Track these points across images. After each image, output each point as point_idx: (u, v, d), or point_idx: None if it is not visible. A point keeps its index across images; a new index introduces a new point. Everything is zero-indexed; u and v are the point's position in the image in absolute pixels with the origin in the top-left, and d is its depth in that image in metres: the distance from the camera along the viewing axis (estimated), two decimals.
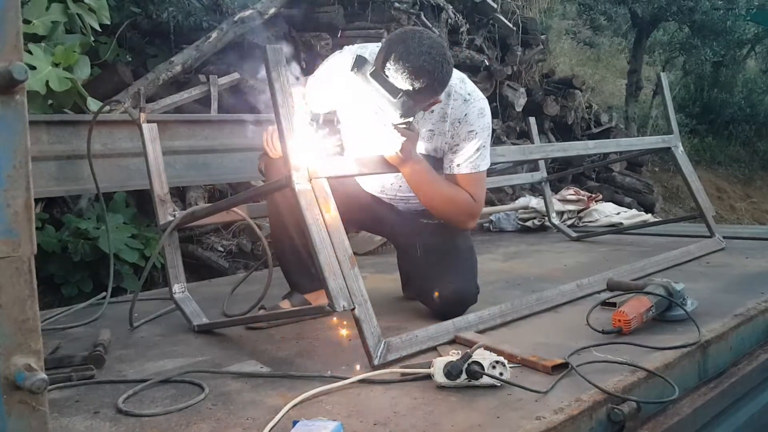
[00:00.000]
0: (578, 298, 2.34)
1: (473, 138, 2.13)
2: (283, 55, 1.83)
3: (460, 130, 2.13)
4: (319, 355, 1.91)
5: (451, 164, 2.16)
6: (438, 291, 2.17)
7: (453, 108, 2.12)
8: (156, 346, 2.11)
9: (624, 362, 1.66)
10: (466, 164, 2.15)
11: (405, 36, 1.94)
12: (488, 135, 2.18)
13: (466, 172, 2.15)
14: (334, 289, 1.72)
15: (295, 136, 1.78)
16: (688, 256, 2.94)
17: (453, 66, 2.02)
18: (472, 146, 2.13)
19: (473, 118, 2.12)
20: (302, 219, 1.75)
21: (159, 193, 2.33)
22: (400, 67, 1.88)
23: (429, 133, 2.16)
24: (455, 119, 2.12)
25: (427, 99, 1.98)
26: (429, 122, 2.15)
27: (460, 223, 2.22)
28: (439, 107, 2.12)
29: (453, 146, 2.15)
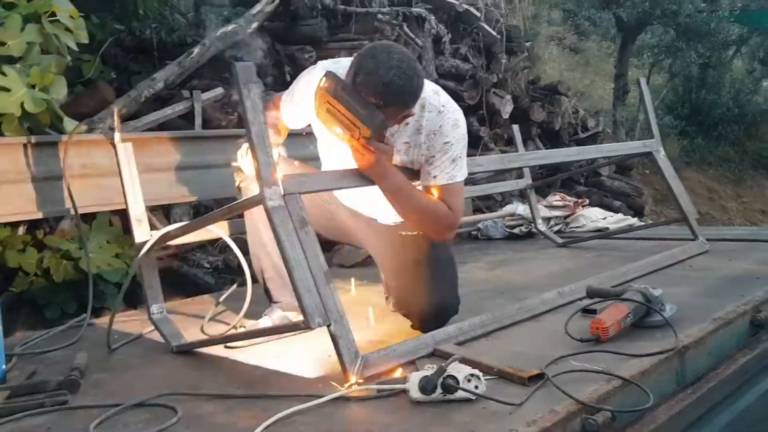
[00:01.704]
0: (559, 306, 2.33)
1: (449, 149, 2.12)
2: (254, 72, 1.83)
3: (435, 141, 2.12)
4: (297, 373, 1.89)
5: (428, 176, 2.16)
6: (418, 304, 2.17)
7: (428, 120, 2.12)
8: (133, 369, 2.09)
9: (600, 371, 1.65)
10: (442, 175, 2.14)
11: (374, 51, 1.95)
12: (464, 146, 2.17)
13: (442, 183, 2.15)
14: (309, 306, 1.71)
15: (267, 153, 1.78)
16: (671, 259, 2.94)
17: (424, 79, 2.02)
18: (448, 157, 2.13)
19: (448, 129, 2.12)
20: (276, 236, 1.75)
21: (135, 212, 2.32)
22: (370, 81, 1.88)
23: (405, 146, 2.16)
24: (430, 131, 2.12)
25: (399, 113, 1.98)
26: (404, 135, 2.15)
27: (439, 235, 2.22)
28: (414, 120, 2.12)
29: (429, 158, 2.14)
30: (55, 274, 3.44)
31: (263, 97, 1.98)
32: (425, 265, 2.21)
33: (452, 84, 5.51)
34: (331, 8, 4.70)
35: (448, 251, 2.35)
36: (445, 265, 2.26)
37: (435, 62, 5.25)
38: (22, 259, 3.43)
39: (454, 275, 2.29)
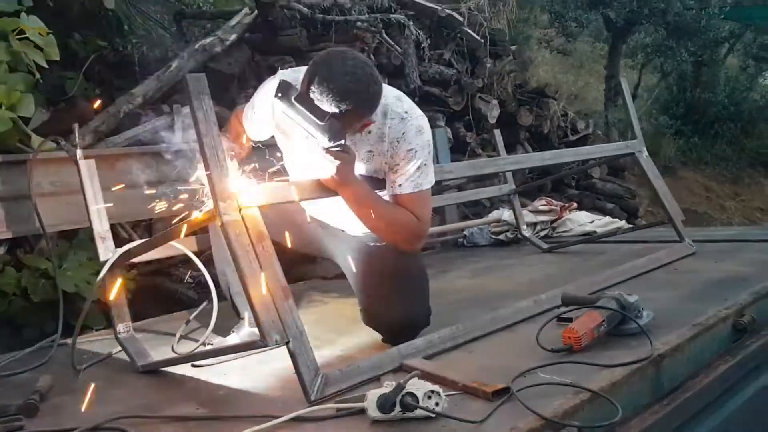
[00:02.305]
0: (535, 315, 2.26)
1: (413, 157, 2.07)
2: (206, 83, 1.77)
3: (399, 149, 2.07)
4: (260, 392, 1.84)
5: (393, 185, 2.11)
6: (387, 317, 2.10)
7: (390, 127, 2.07)
8: (97, 390, 2.02)
9: (567, 383, 1.59)
10: (407, 184, 2.09)
11: (329, 57, 1.90)
12: (429, 152, 2.12)
13: (408, 191, 2.09)
14: (265, 323, 1.65)
15: (221, 166, 1.73)
16: (656, 263, 2.88)
17: (382, 86, 1.97)
18: (412, 165, 2.08)
19: (411, 136, 2.06)
20: (230, 251, 1.69)
21: (99, 230, 2.27)
22: (325, 89, 1.83)
23: (368, 155, 2.11)
24: (393, 138, 2.07)
25: (356, 120, 1.93)
26: (367, 143, 2.10)
27: (407, 245, 2.16)
28: (376, 127, 2.07)
29: (393, 166, 2.09)
30: (33, 294, 3.39)
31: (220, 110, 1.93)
32: (394, 277, 2.15)
33: (437, 90, 5.46)
34: (309, 17, 4.66)
35: (419, 261, 2.29)
36: (415, 276, 2.20)
37: (418, 68, 5.19)
38: (1, 279, 3.38)
39: (424, 286, 2.23)
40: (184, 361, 2.07)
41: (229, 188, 1.73)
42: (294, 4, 4.71)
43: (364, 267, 2.22)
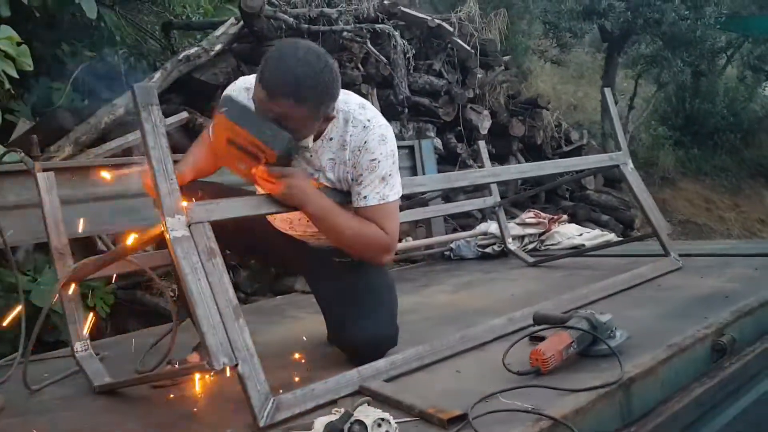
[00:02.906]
0: (508, 334, 2.17)
1: (376, 167, 1.97)
2: (154, 94, 1.70)
3: (361, 159, 1.97)
4: (209, 416, 1.76)
5: (358, 197, 2.01)
6: (351, 335, 2.02)
7: (352, 135, 1.97)
8: (48, 412, 1.96)
9: (527, 410, 1.50)
10: (372, 195, 1.99)
11: (281, 47, 1.84)
12: (394, 162, 2.02)
13: (374, 203, 1.99)
14: (213, 344, 1.57)
15: (169, 179, 1.66)
16: (639, 279, 2.79)
17: (338, 76, 1.89)
18: (376, 176, 1.98)
19: (374, 145, 1.97)
20: (177, 269, 1.62)
21: (57, 245, 2.19)
22: (277, 78, 1.76)
23: (330, 162, 2.02)
24: (355, 147, 1.97)
25: (312, 115, 1.84)
26: (329, 151, 2.01)
27: (374, 260, 2.06)
28: (338, 135, 1.99)
29: (357, 177, 1.99)
30: (4, 309, 3.31)
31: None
32: (360, 294, 2.07)
33: (427, 100, 5.40)
34: (295, 27, 4.60)
35: (386, 277, 2.20)
36: (382, 293, 2.12)
37: (408, 79, 5.13)
38: None
39: (392, 303, 2.15)
40: (139, 382, 1.99)
41: (177, 203, 1.65)
42: (280, 14, 4.66)
43: (330, 282, 2.14)
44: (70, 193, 2.89)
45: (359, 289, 2.08)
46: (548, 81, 11.00)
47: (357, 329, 2.01)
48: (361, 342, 2.00)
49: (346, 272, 2.12)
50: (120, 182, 3.03)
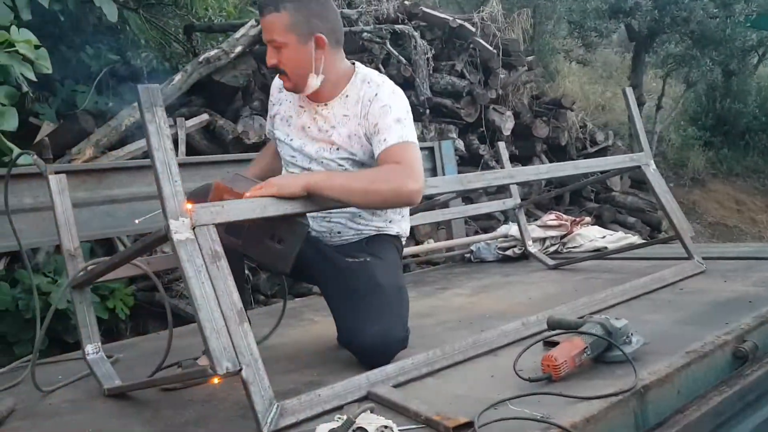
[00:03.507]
0: (522, 338, 2.12)
1: (389, 111, 2.06)
2: (159, 95, 1.69)
3: (372, 108, 2.08)
4: (215, 422, 1.73)
5: (380, 144, 2.04)
6: (361, 338, 1.99)
7: (365, 91, 2.12)
8: (57, 415, 1.95)
9: (535, 419, 1.46)
10: (392, 136, 2.03)
11: None
12: (407, 112, 2.10)
13: (393, 143, 2.02)
14: (216, 349, 1.55)
15: (173, 182, 1.65)
16: (660, 282, 2.71)
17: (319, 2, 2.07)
18: (390, 119, 2.04)
19: (385, 95, 2.09)
20: (182, 272, 1.60)
21: (68, 247, 2.20)
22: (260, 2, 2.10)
23: (344, 118, 2.14)
24: (367, 99, 2.10)
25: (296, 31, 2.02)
26: (344, 107, 2.15)
27: (401, 195, 1.94)
28: (354, 92, 2.13)
29: (372, 126, 2.07)
30: (25, 310, 3.35)
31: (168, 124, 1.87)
32: (369, 295, 2.04)
33: (449, 101, 5.35)
34: None
35: (397, 279, 2.17)
36: (391, 294, 2.08)
37: (429, 80, 5.09)
38: None
39: (401, 305, 2.12)
40: (148, 386, 1.98)
41: (181, 206, 1.64)
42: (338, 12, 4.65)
43: (338, 284, 2.12)
44: (87, 195, 2.90)
45: (368, 290, 2.05)
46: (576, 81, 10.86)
47: (366, 332, 1.98)
48: (370, 345, 1.97)
49: (355, 273, 2.10)
50: (135, 184, 3.06)
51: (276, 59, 2.08)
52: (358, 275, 2.09)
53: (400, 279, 2.20)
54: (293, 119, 2.25)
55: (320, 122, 2.18)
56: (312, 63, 2.06)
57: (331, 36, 2.09)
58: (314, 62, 2.07)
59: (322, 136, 2.18)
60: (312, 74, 2.09)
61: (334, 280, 2.15)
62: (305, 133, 2.22)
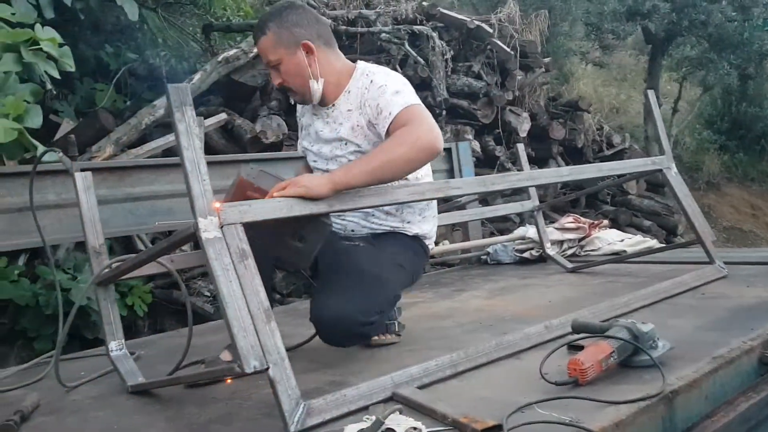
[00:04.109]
0: (545, 342, 2.11)
1: (386, 89, 2.10)
2: (189, 94, 1.70)
3: (370, 94, 2.13)
4: (240, 420, 1.74)
5: (386, 120, 2.07)
6: (318, 309, 2.01)
7: (362, 82, 2.19)
8: (81, 411, 1.96)
9: (564, 422, 1.45)
10: (395, 107, 2.05)
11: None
12: (404, 84, 2.15)
13: (397, 111, 2.04)
14: (244, 347, 1.55)
15: (202, 181, 1.65)
16: (682, 287, 2.70)
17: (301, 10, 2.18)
18: (388, 95, 2.08)
19: (379, 78, 2.15)
20: (209, 270, 1.61)
21: (93, 244, 2.21)
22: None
23: (348, 113, 2.20)
24: (364, 88, 2.16)
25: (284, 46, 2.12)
26: (348, 102, 2.21)
27: (423, 148, 1.96)
28: (355, 86, 2.19)
29: (375, 109, 2.11)
30: (45, 306, 3.37)
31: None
32: (345, 274, 2.06)
33: (465, 103, 5.34)
34: (334, 29, 4.59)
35: (382, 269, 2.14)
36: (368, 279, 2.06)
37: (446, 81, 5.09)
38: (15, 291, 3.37)
39: (373, 292, 2.07)
40: (172, 383, 1.99)
41: (210, 204, 1.64)
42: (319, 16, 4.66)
43: (328, 263, 2.14)
44: (108, 193, 2.92)
45: (347, 270, 2.07)
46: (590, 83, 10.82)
47: (325, 305, 1.99)
48: (326, 318, 1.98)
49: (343, 254, 2.13)
50: (157, 182, 3.08)
51: (279, 78, 2.20)
52: (345, 256, 2.12)
53: (386, 270, 2.16)
54: (311, 127, 2.35)
55: (331, 123, 2.26)
56: (307, 69, 2.16)
57: (318, 40, 2.18)
58: (309, 68, 2.16)
59: (333, 136, 2.25)
60: (311, 80, 2.18)
61: (327, 260, 2.16)
62: (320, 137, 2.30)
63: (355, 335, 2.05)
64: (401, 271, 2.27)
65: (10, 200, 2.70)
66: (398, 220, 2.30)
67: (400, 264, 2.26)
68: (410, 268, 2.33)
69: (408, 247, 2.33)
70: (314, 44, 2.15)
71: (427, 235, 2.38)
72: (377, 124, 2.12)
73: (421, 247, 2.38)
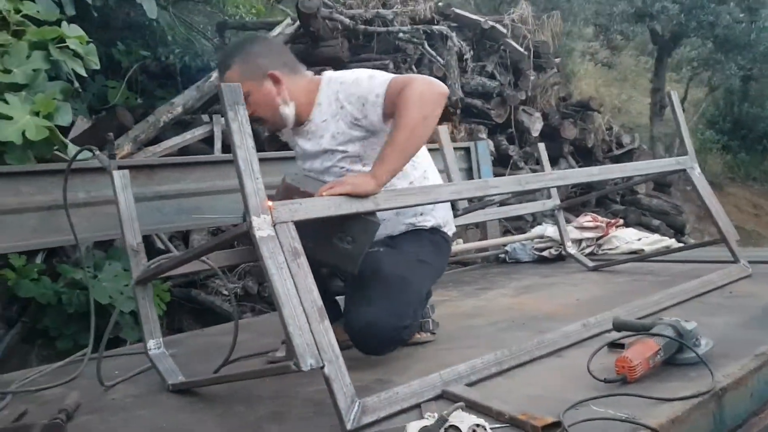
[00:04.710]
0: (584, 340, 2.13)
1: (360, 80, 2.11)
2: (241, 94, 1.71)
3: (343, 95, 2.13)
4: (291, 418, 1.74)
5: (376, 103, 2.07)
6: (351, 321, 2.02)
7: (332, 89, 2.18)
8: (124, 410, 1.97)
9: (624, 419, 1.46)
10: (378, 87, 2.06)
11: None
12: (374, 71, 2.15)
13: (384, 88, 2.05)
14: (299, 345, 1.56)
15: (255, 179, 1.66)
16: (709, 285, 2.71)
17: (260, 42, 2.26)
18: (365, 81, 2.10)
19: (348, 79, 2.15)
20: (264, 268, 1.61)
21: (131, 243, 2.22)
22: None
23: (324, 124, 2.20)
24: (335, 93, 2.16)
25: (249, 79, 2.10)
26: (321, 114, 2.21)
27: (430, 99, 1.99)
28: (324, 97, 2.19)
29: (356, 103, 2.11)
30: (68, 305, 3.37)
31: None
32: (370, 282, 2.06)
33: (479, 102, 5.36)
34: (351, 28, 4.60)
35: (405, 269, 2.13)
36: (392, 282, 2.06)
37: (460, 80, 5.10)
38: (36, 289, 3.38)
39: (401, 294, 2.06)
40: (217, 382, 2.00)
41: (263, 203, 1.65)
42: (336, 15, 4.67)
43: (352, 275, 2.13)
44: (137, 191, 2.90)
45: (371, 278, 2.06)
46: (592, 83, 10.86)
47: (357, 316, 1.99)
48: (358, 329, 1.99)
49: (364, 263, 2.08)
50: (183, 180, 3.08)
51: (249, 109, 2.11)
52: (367, 265, 2.08)
53: (410, 269, 2.15)
54: (297, 149, 2.37)
55: (312, 139, 2.26)
56: (276, 98, 2.18)
57: (283, 68, 2.20)
58: (278, 96, 2.18)
59: (317, 149, 2.25)
60: (282, 106, 2.19)
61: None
62: (307, 154, 2.31)
63: (393, 341, 2.05)
64: (425, 266, 2.26)
65: (40, 198, 2.69)
66: (411, 214, 2.30)
67: (422, 260, 2.26)
68: (434, 262, 2.32)
69: (427, 241, 2.32)
70: (280, 72, 2.17)
71: (443, 223, 2.37)
72: (367, 115, 2.10)
73: (441, 237, 2.37)
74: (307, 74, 2.29)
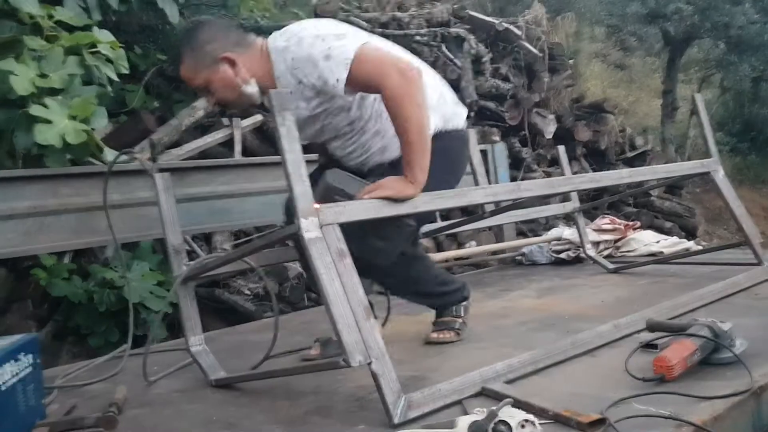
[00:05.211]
0: (616, 340, 2.18)
1: (316, 61, 2.00)
2: (289, 99, 1.76)
3: (302, 71, 2.04)
4: (336, 413, 1.79)
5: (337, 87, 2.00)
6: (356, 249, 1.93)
7: (285, 64, 2.07)
8: (172, 404, 2.02)
9: (668, 416, 1.51)
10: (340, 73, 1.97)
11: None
12: (323, 40, 2.01)
13: (344, 73, 1.97)
14: (349, 343, 1.62)
15: (303, 182, 1.71)
16: (735, 287, 2.75)
17: (207, 26, 2.18)
18: (321, 62, 1.99)
19: (298, 52, 2.03)
20: (313, 269, 1.67)
21: (173, 243, 2.27)
22: None
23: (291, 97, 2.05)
24: (291, 69, 2.06)
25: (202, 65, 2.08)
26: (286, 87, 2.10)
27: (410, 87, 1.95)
28: (279, 71, 2.09)
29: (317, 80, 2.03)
30: (98, 303, 3.43)
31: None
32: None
33: (492, 104, 5.40)
34: (368, 31, 4.64)
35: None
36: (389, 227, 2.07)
37: (474, 82, 5.14)
38: (68, 288, 3.43)
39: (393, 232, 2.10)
40: (259, 377, 2.05)
41: (311, 205, 1.70)
42: (352, 18, 4.72)
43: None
44: None
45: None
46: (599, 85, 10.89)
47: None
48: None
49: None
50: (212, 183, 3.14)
51: (213, 98, 2.18)
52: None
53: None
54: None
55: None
56: (235, 79, 2.12)
57: (235, 47, 2.12)
58: (237, 77, 2.12)
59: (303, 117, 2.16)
60: (244, 86, 2.13)
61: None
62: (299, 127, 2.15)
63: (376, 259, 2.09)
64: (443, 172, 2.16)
65: (78, 200, 2.75)
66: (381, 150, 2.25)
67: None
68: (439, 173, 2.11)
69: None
70: (232, 53, 2.11)
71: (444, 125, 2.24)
72: (327, 92, 2.06)
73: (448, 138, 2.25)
74: (257, 44, 2.18)
